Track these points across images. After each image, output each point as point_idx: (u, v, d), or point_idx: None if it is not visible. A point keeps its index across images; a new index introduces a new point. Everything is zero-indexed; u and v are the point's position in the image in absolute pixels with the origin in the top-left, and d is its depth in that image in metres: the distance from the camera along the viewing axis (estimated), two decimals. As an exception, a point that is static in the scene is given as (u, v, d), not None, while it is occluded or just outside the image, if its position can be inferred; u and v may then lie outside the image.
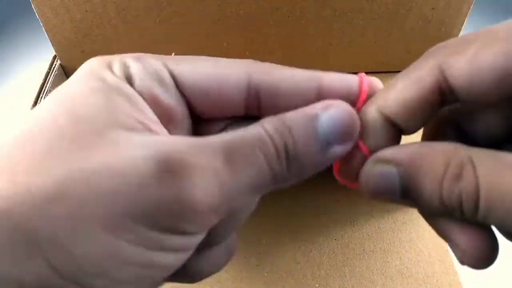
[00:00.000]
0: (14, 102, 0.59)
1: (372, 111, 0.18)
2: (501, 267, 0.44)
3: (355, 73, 0.47)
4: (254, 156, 0.16)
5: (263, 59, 0.43)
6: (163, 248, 0.15)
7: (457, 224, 0.17)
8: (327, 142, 0.17)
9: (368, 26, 0.38)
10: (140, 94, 0.17)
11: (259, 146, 0.16)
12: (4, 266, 0.12)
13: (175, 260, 0.16)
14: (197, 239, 0.16)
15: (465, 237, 0.16)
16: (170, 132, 0.18)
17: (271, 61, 0.44)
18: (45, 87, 0.39)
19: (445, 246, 0.44)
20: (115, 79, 0.17)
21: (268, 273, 0.42)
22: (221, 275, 0.42)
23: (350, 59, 0.41)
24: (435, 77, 0.16)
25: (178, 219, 0.15)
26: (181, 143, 0.15)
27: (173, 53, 0.20)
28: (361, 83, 0.19)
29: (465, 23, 0.38)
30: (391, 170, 0.17)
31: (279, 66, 0.20)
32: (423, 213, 0.18)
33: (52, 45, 0.40)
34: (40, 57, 0.40)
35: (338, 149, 0.17)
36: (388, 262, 0.43)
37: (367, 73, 0.45)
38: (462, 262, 0.17)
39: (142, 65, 0.18)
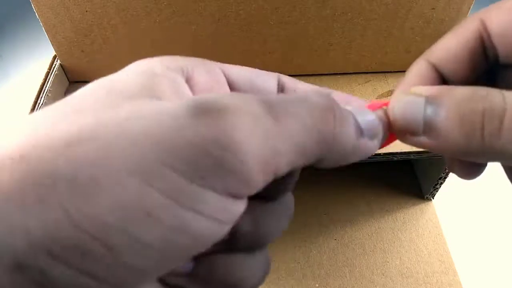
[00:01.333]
0: (14, 101, 0.59)
1: (420, 61, 0.20)
2: (500, 267, 0.44)
3: (356, 73, 0.46)
4: (298, 110, 0.14)
5: (263, 59, 0.43)
6: (199, 209, 0.13)
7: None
8: (361, 131, 0.17)
9: (368, 26, 0.38)
10: (193, 84, 0.18)
11: (304, 104, 0.15)
12: (10, 210, 0.11)
13: (210, 230, 0.13)
14: (239, 207, 0.14)
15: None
16: None
17: (271, 61, 0.44)
18: (45, 86, 0.39)
19: (445, 246, 0.44)
20: (164, 68, 0.17)
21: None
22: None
23: (350, 59, 0.41)
24: (477, 27, 0.18)
25: (219, 168, 0.13)
26: (215, 94, 0.14)
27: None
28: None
29: (465, 23, 0.38)
30: (420, 99, 0.17)
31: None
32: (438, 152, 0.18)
33: (52, 45, 0.40)
34: (40, 57, 0.41)
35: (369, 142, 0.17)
36: (388, 262, 0.43)
37: (366, 73, 0.45)
38: (451, 170, 0.20)
39: (196, 61, 0.19)
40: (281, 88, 0.21)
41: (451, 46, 0.19)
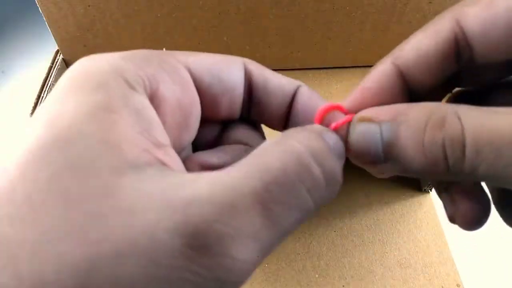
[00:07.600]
0: (18, 96, 0.60)
1: (386, 62, 0.17)
2: (496, 257, 0.44)
3: (354, 67, 0.47)
4: (296, 192, 0.14)
5: (262, 53, 0.44)
6: None
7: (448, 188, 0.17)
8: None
9: (366, 20, 0.39)
10: (159, 101, 0.16)
11: (299, 176, 0.14)
12: None
13: None
14: None
15: (459, 198, 0.17)
16: (180, 137, 0.17)
17: (271, 55, 0.45)
18: (48, 81, 0.39)
19: (443, 237, 0.44)
20: (119, 87, 0.14)
21: (269, 264, 0.43)
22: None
23: (349, 53, 0.42)
24: (451, 27, 0.16)
25: None
26: (206, 201, 0.12)
27: (164, 49, 0.19)
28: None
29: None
30: (374, 127, 0.16)
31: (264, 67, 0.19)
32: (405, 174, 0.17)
33: (55, 39, 0.40)
34: (42, 51, 0.41)
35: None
36: (386, 253, 0.43)
37: (364, 66, 0.46)
38: (452, 220, 0.18)
39: (159, 65, 0.16)
40: (248, 78, 0.18)
41: (422, 48, 0.17)
